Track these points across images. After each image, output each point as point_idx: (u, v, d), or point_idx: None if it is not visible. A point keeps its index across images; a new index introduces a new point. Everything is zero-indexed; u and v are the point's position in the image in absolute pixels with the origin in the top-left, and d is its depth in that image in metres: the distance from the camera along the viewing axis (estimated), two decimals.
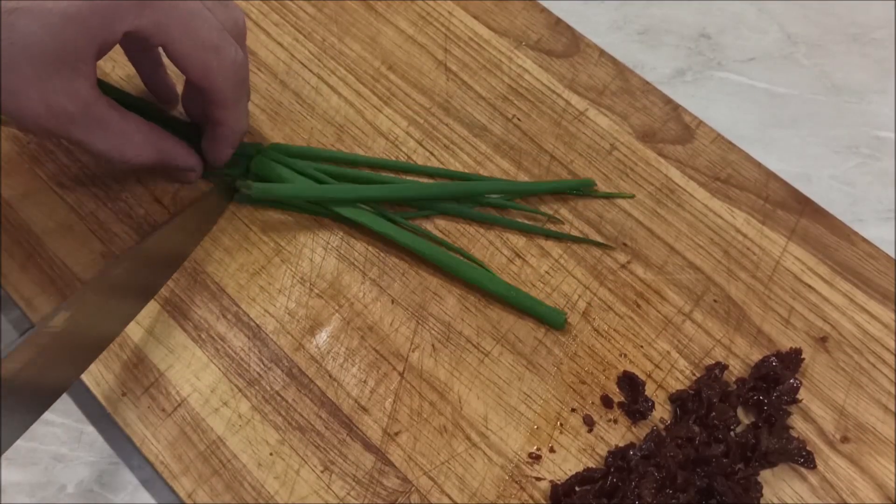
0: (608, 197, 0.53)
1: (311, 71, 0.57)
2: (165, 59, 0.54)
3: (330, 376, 0.47)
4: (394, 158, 0.54)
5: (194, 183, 0.52)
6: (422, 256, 0.50)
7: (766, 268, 0.51)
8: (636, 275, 0.50)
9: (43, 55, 0.39)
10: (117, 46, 0.54)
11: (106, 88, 0.52)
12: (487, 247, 0.51)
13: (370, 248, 0.51)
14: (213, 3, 0.46)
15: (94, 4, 0.39)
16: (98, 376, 0.46)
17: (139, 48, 0.52)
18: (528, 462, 0.45)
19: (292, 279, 0.49)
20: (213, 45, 0.44)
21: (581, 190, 0.53)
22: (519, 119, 0.56)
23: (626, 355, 0.48)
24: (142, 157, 0.47)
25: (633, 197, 0.53)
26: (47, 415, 0.47)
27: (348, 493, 0.44)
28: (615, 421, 0.46)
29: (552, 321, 0.48)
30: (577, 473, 0.44)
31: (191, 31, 0.43)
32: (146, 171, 0.53)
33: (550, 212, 0.52)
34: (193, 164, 0.51)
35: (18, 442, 0.47)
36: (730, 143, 0.55)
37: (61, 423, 0.47)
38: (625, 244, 0.51)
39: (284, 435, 0.45)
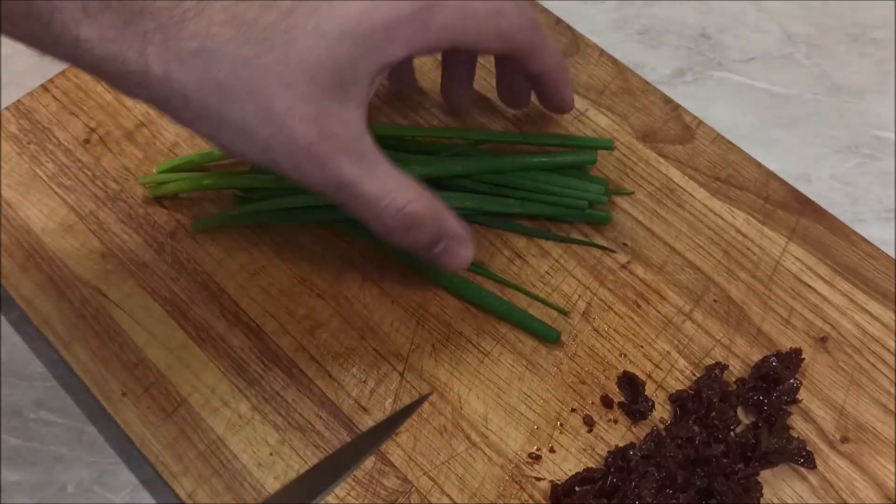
0: (611, 194, 0.53)
1: None
2: None
3: (330, 376, 0.47)
4: None
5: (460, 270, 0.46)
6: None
7: (766, 268, 0.51)
8: (636, 275, 0.50)
9: (317, 74, 0.36)
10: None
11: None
12: (487, 247, 0.51)
13: (370, 247, 0.51)
14: None
15: (374, 21, 0.37)
16: (98, 376, 0.46)
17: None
18: (528, 462, 0.45)
19: (292, 279, 0.49)
20: (495, 7, 0.41)
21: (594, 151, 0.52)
22: (519, 119, 0.56)
23: (626, 355, 0.48)
24: (415, 207, 0.40)
25: (632, 193, 0.53)
26: (47, 415, 0.48)
27: (348, 493, 0.44)
28: (615, 421, 0.46)
29: (546, 336, 0.48)
30: (577, 473, 0.44)
31: (471, 14, 0.40)
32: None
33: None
34: (469, 237, 0.43)
35: (18, 442, 0.47)
36: (730, 143, 0.55)
37: (61, 423, 0.47)
38: (625, 244, 0.51)
39: (284, 435, 0.45)
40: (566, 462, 0.45)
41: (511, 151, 0.53)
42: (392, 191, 0.39)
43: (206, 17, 0.35)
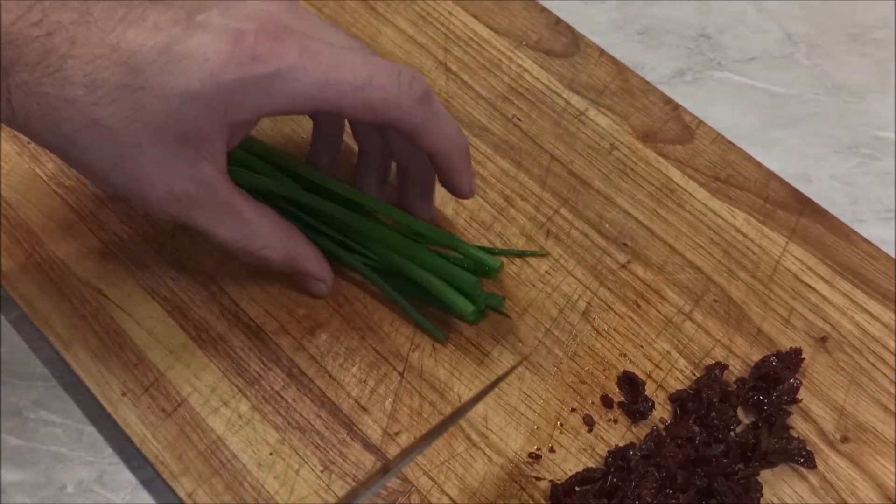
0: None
1: None
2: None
3: (330, 376, 0.47)
4: None
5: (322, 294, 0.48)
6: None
7: (766, 268, 0.51)
8: (636, 275, 0.50)
9: (164, 135, 0.38)
10: None
11: (242, 176, 0.47)
12: (487, 246, 0.51)
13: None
14: (363, 48, 0.42)
15: (220, 84, 0.37)
16: (98, 376, 0.46)
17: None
18: (528, 462, 0.45)
19: (293, 279, 0.49)
20: (364, 79, 0.39)
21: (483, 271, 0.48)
22: (519, 119, 0.56)
23: (626, 355, 0.48)
24: (268, 252, 0.44)
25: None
26: (47, 415, 0.48)
27: (349, 494, 0.43)
28: (615, 421, 0.46)
29: (458, 308, 0.46)
30: (577, 473, 0.44)
31: (331, 84, 0.39)
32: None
33: (550, 212, 0.52)
34: (325, 276, 0.47)
35: (18, 442, 0.47)
36: (730, 142, 0.55)
37: (61, 423, 0.47)
38: (625, 244, 0.51)
39: (284, 435, 0.45)
40: (566, 462, 0.45)
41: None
42: (245, 237, 0.43)
43: (62, 78, 0.36)
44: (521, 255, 0.50)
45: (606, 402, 0.46)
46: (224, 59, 0.37)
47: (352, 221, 0.47)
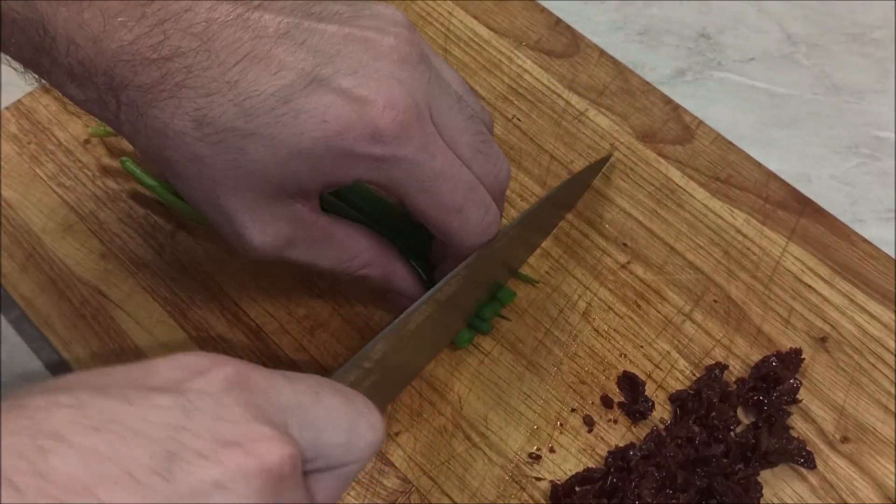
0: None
1: None
2: None
3: (330, 376, 0.47)
4: None
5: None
6: None
7: (766, 268, 0.51)
8: (636, 275, 0.50)
9: (263, 184, 0.37)
10: None
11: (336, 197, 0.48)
12: None
13: None
14: (477, 155, 0.41)
15: (331, 147, 0.36)
16: None
17: None
18: (528, 462, 0.45)
19: (293, 279, 0.49)
20: (457, 207, 0.39)
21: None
22: (519, 119, 0.56)
23: (625, 355, 0.48)
24: (368, 271, 0.43)
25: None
26: None
27: (348, 493, 0.44)
28: (615, 421, 0.46)
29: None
30: (577, 473, 0.44)
31: (431, 192, 0.38)
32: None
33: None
34: (412, 293, 0.46)
35: None
36: (730, 143, 0.55)
37: None
38: (625, 244, 0.51)
39: None
40: (566, 462, 0.45)
41: None
42: (345, 261, 0.42)
43: (174, 106, 0.35)
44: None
45: (606, 402, 0.46)
46: (342, 127, 0.36)
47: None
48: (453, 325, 0.47)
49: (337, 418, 0.30)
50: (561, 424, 0.46)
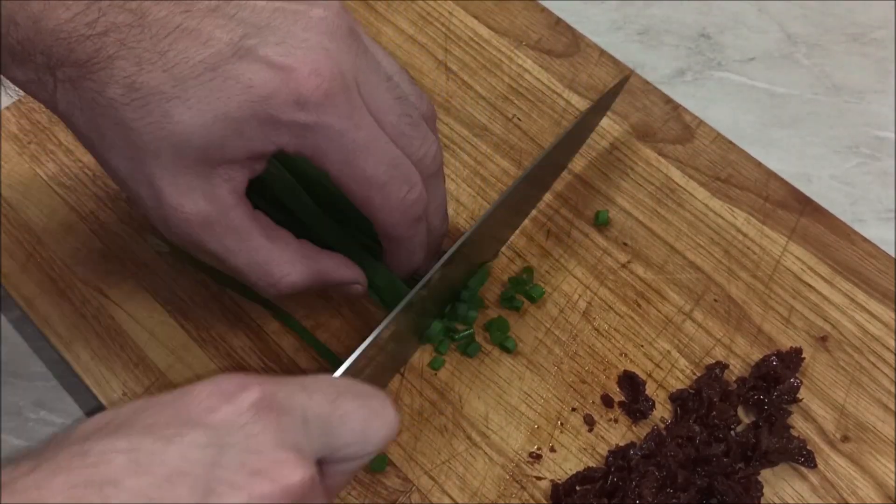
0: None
1: None
2: None
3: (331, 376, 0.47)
4: None
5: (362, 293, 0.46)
6: None
7: (766, 267, 0.51)
8: (636, 274, 0.50)
9: (185, 150, 0.37)
10: None
11: (262, 197, 0.45)
12: None
13: None
14: (403, 134, 0.40)
15: (255, 112, 0.36)
16: (98, 376, 0.46)
17: None
18: (528, 461, 0.45)
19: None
20: (379, 182, 0.39)
21: None
22: (519, 119, 0.56)
23: (626, 355, 0.48)
24: (291, 278, 0.41)
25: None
26: (47, 415, 0.48)
27: (349, 493, 0.43)
28: (616, 420, 0.46)
29: None
30: (577, 473, 0.44)
31: (354, 164, 0.38)
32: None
33: (551, 211, 0.52)
34: (356, 278, 0.44)
35: (18, 442, 0.47)
36: (730, 142, 0.55)
37: (61, 423, 0.47)
38: (625, 244, 0.51)
39: None
40: (567, 461, 0.45)
41: None
42: (261, 265, 0.41)
43: (106, 76, 0.36)
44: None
45: (607, 401, 0.46)
46: (267, 93, 0.36)
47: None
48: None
49: (352, 422, 0.32)
50: (561, 424, 0.46)
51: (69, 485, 0.26)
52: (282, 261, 0.41)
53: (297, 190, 0.47)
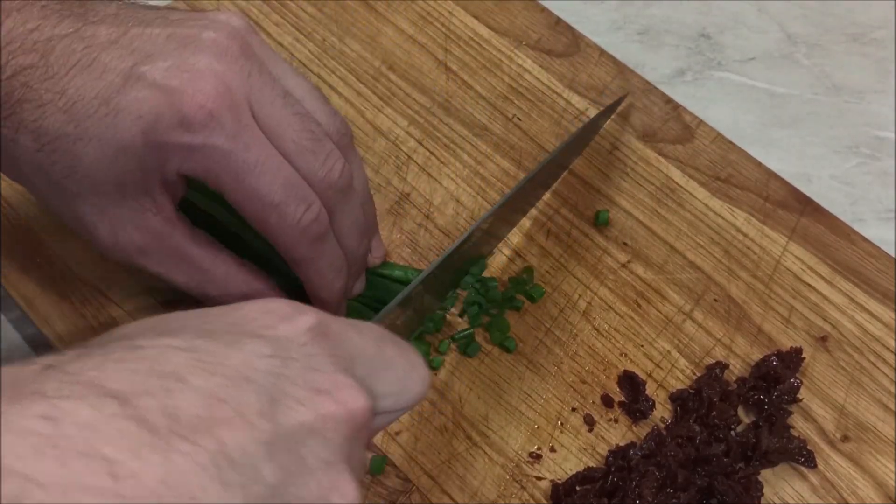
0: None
1: (311, 71, 0.57)
2: None
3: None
4: (394, 158, 0.54)
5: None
6: None
7: (766, 267, 0.51)
8: (636, 274, 0.50)
9: (103, 186, 0.37)
10: None
11: (201, 216, 0.45)
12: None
13: None
14: (303, 152, 0.39)
15: (148, 140, 0.36)
16: None
17: None
18: (528, 461, 0.45)
19: None
20: (274, 202, 0.38)
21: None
22: (519, 119, 0.56)
23: (626, 354, 0.48)
24: (227, 299, 0.40)
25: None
26: None
27: None
28: (616, 420, 0.46)
29: None
30: (577, 473, 0.44)
31: (246, 184, 0.38)
32: None
33: (551, 211, 0.52)
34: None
35: None
36: (730, 142, 0.55)
37: None
38: (625, 244, 0.51)
39: None
40: (567, 461, 0.45)
41: None
42: (201, 283, 0.42)
43: (16, 122, 0.36)
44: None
45: (607, 401, 0.46)
46: (154, 118, 0.36)
47: None
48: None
49: (394, 370, 0.31)
50: (561, 424, 0.46)
51: (131, 371, 0.23)
52: (217, 279, 0.42)
53: (224, 206, 0.45)
